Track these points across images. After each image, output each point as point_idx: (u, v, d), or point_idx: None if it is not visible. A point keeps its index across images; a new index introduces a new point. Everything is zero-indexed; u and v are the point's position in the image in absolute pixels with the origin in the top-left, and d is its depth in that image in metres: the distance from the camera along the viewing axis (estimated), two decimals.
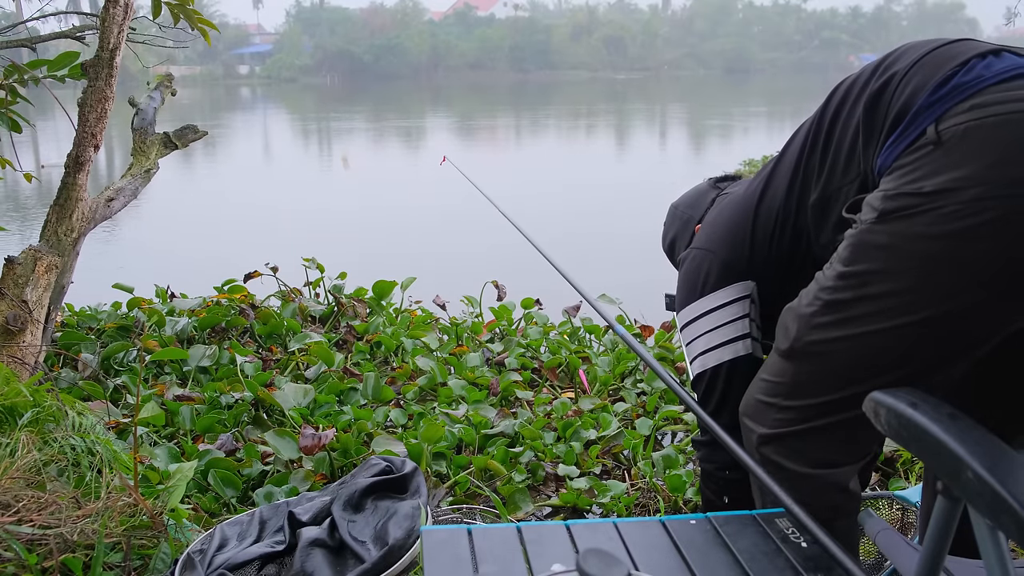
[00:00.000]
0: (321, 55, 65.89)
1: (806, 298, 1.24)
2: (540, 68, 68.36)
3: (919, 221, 1.09)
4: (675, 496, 2.36)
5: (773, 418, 1.27)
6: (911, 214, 1.10)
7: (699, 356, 1.46)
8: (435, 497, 2.32)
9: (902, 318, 1.13)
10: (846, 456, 1.26)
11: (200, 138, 3.41)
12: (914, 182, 1.10)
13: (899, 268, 1.12)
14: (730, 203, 1.51)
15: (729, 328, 1.42)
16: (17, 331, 2.58)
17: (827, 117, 1.29)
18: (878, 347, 1.16)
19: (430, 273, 4.93)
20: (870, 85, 1.22)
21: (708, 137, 17.34)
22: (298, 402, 2.82)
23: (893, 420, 0.88)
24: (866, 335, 1.16)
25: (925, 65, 1.16)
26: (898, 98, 1.16)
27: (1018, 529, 0.70)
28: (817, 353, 1.21)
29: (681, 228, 1.74)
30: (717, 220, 1.52)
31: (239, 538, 1.91)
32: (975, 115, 1.06)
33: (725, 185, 1.71)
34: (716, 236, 1.49)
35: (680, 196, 1.81)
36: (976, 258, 1.07)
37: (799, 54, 75.95)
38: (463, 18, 75.75)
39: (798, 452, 1.25)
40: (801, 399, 1.24)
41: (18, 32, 3.32)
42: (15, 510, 1.72)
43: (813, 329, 1.21)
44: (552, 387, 3.25)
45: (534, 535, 1.19)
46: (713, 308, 1.45)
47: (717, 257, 1.46)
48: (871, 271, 1.14)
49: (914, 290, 1.11)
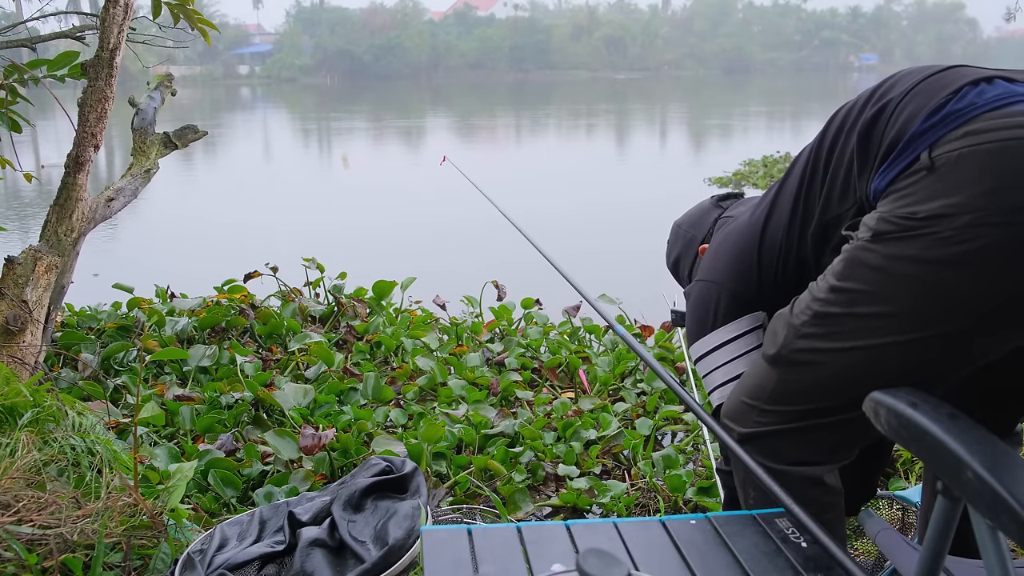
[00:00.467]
0: (321, 55, 65.92)
1: (798, 307, 1.26)
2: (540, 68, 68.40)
3: (913, 244, 1.11)
4: (675, 496, 2.36)
5: (753, 420, 1.31)
6: (905, 237, 1.11)
7: (718, 388, 1.48)
8: (435, 497, 2.32)
9: (888, 337, 1.14)
10: (823, 457, 1.29)
11: (200, 138, 3.41)
12: (908, 206, 1.11)
13: (889, 289, 1.14)
14: (735, 232, 1.52)
15: (745, 360, 1.44)
16: (17, 331, 2.58)
17: (824, 147, 1.31)
18: (862, 363, 1.18)
19: (430, 273, 4.93)
20: (864, 113, 1.23)
21: (708, 137, 17.34)
22: (298, 402, 2.82)
23: (893, 420, 0.87)
24: (852, 351, 1.18)
25: (919, 94, 1.17)
26: (892, 126, 1.18)
27: (1018, 529, 0.70)
28: (802, 362, 1.24)
29: (684, 247, 1.77)
30: (721, 250, 1.54)
31: (239, 538, 1.91)
32: (968, 142, 1.07)
33: (728, 204, 1.73)
34: (722, 267, 1.50)
35: (683, 214, 1.83)
36: (967, 285, 1.09)
37: (799, 54, 75.99)
38: (463, 18, 75.77)
39: (774, 451, 1.28)
40: (782, 405, 1.27)
41: (18, 32, 3.32)
42: (15, 510, 1.72)
43: (800, 338, 1.23)
44: (552, 387, 3.25)
45: (534, 535, 1.19)
46: (727, 340, 1.47)
47: (724, 289, 1.47)
48: (862, 289, 1.16)
49: (903, 312, 1.13)
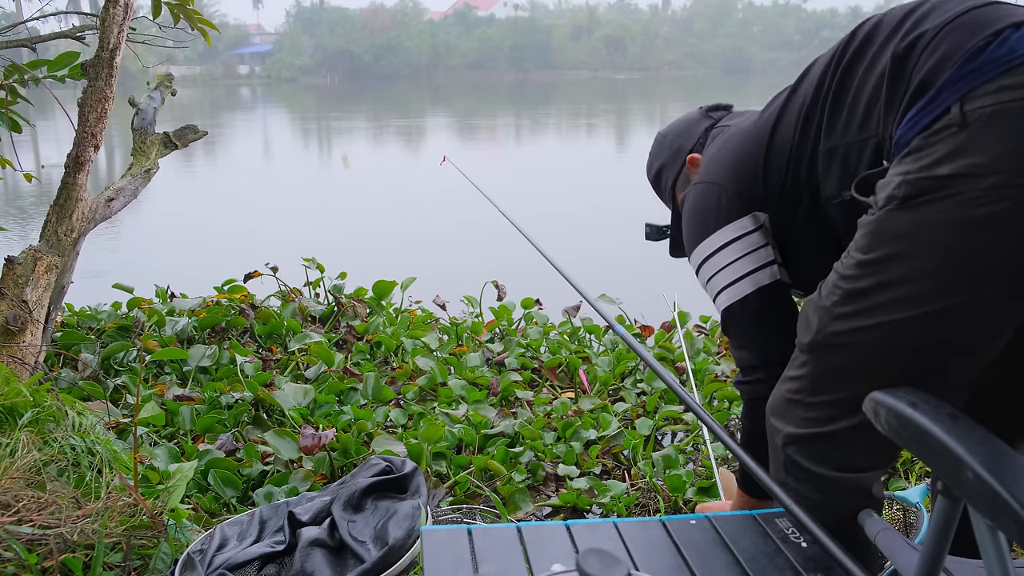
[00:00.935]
0: (321, 55, 65.88)
1: (825, 289, 1.21)
2: (540, 68, 68.34)
3: (936, 208, 1.06)
4: (675, 496, 2.36)
5: (800, 417, 1.25)
6: (928, 200, 1.07)
7: (725, 289, 1.39)
8: (435, 497, 2.32)
9: (920, 308, 1.10)
10: (871, 461, 1.24)
11: (200, 138, 3.41)
12: (931, 166, 1.06)
13: (916, 257, 1.09)
14: (737, 136, 1.45)
15: (753, 257, 1.36)
16: (17, 331, 2.58)
17: (845, 61, 1.24)
18: (897, 337, 1.13)
19: (430, 273, 4.93)
20: (894, 42, 1.16)
21: None
22: (298, 402, 2.82)
23: (893, 420, 0.88)
24: (885, 324, 1.13)
25: (957, 28, 1.10)
26: (923, 64, 1.11)
27: (1018, 529, 0.70)
28: (840, 345, 1.19)
29: (670, 157, 1.67)
30: (721, 154, 1.46)
31: (239, 538, 1.91)
32: (1003, 97, 1.02)
33: (718, 115, 1.65)
34: (723, 170, 1.42)
35: (668, 125, 1.73)
36: (990, 247, 1.05)
37: (799, 54, 75.83)
38: (463, 18, 75.73)
39: (823, 455, 1.23)
40: (825, 395, 1.21)
41: (18, 32, 3.32)
42: (15, 510, 1.72)
43: (835, 320, 1.18)
44: (552, 387, 3.25)
45: (534, 535, 1.19)
46: (732, 239, 1.37)
47: (726, 190, 1.39)
48: (889, 259, 1.12)
49: (932, 279, 1.09)
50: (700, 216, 1.43)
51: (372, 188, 11.20)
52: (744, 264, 1.37)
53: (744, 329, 1.42)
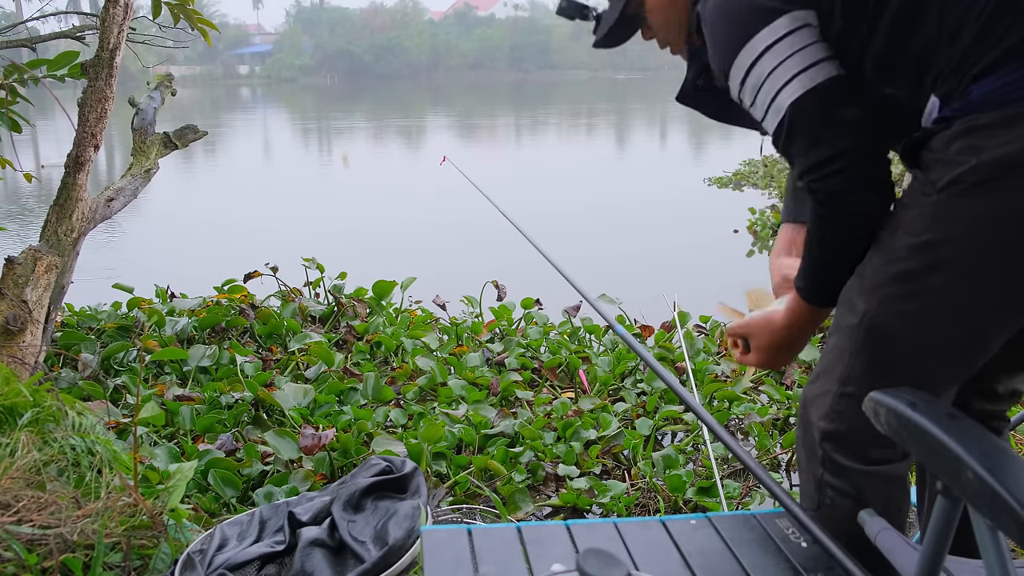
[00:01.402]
0: (321, 55, 65.87)
1: (869, 268, 1.17)
2: (540, 68, 68.33)
3: (993, 200, 1.02)
4: (675, 496, 2.36)
5: (833, 409, 1.22)
6: (998, 189, 1.02)
7: (789, 83, 1.19)
8: (435, 497, 2.32)
9: (969, 295, 1.08)
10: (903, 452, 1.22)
11: (200, 138, 3.41)
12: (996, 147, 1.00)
13: (969, 244, 1.06)
14: None
15: (808, 52, 1.18)
16: (17, 331, 2.58)
17: None
18: (942, 323, 1.11)
19: (430, 273, 4.93)
20: None
21: (708, 137, 17.33)
22: (298, 402, 2.82)
23: (893, 420, 0.88)
24: (932, 310, 1.11)
25: None
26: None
27: (1018, 529, 0.70)
28: (885, 328, 1.15)
29: None
30: None
31: (239, 538, 1.91)
32: None
33: None
34: None
35: None
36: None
37: None
38: (463, 18, 75.72)
39: (856, 450, 1.21)
40: (867, 384, 1.15)
41: (18, 32, 3.32)
42: (15, 510, 1.72)
43: (882, 302, 1.14)
44: (552, 387, 3.25)
45: (534, 535, 1.19)
46: (779, 37, 1.18)
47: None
48: (941, 242, 1.08)
49: (982, 269, 1.06)
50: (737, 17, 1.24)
51: (372, 188, 11.20)
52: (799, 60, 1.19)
53: (816, 121, 1.20)
